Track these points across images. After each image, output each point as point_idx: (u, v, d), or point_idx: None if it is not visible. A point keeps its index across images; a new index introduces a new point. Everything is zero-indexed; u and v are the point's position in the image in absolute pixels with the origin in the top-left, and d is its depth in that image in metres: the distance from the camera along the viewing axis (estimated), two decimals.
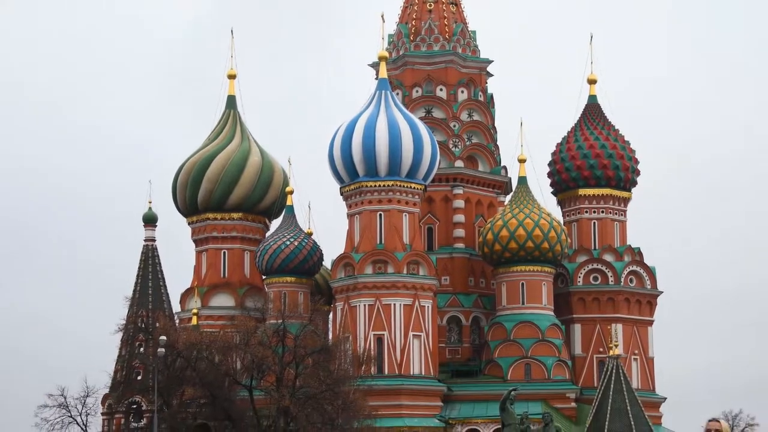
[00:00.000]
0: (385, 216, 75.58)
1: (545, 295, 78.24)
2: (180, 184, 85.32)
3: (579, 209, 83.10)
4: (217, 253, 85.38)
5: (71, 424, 59.49)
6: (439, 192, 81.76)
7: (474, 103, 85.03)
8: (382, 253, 74.66)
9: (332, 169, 76.62)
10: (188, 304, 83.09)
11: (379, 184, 74.91)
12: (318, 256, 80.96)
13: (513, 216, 77.86)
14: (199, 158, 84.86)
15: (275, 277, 79.63)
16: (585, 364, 79.50)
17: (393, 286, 74.08)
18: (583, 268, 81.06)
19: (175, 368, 61.38)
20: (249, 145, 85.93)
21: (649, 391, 79.39)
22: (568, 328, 79.48)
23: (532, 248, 76.85)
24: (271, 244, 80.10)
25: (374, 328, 73.42)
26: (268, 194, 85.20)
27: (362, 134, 74.30)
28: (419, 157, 74.63)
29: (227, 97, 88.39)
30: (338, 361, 65.20)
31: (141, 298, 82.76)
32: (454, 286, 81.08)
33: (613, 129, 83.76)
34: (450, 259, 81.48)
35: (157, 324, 70.99)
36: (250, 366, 61.39)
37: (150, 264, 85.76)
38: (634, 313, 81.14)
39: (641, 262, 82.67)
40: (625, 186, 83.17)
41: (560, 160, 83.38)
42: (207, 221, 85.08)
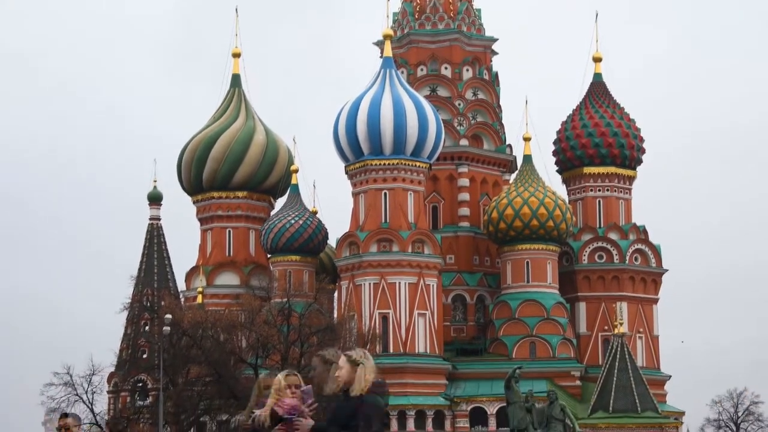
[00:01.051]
0: (389, 194, 75.53)
1: (550, 273, 78.23)
2: (185, 163, 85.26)
3: (584, 188, 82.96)
4: (222, 231, 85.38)
5: (77, 402, 59.64)
6: (443, 170, 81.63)
7: (479, 82, 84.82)
8: (387, 232, 74.66)
9: (337, 147, 76.54)
10: (193, 283, 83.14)
11: (384, 163, 74.83)
12: (323, 234, 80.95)
13: (518, 194, 77.77)
14: (203, 137, 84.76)
15: (280, 255, 79.63)
16: (590, 342, 79.55)
17: (398, 264, 74.12)
18: (588, 247, 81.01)
19: (181, 347, 61.48)
20: (254, 124, 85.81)
21: (653, 369, 79.43)
22: (573, 306, 79.49)
23: (537, 227, 76.80)
24: (275, 223, 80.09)
25: (379, 306, 73.50)
26: (273, 173, 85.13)
27: (367, 113, 74.18)
28: (424, 136, 74.52)
29: (232, 76, 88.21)
30: (343, 339, 65.27)
31: (146, 277, 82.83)
32: (458, 265, 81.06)
33: (618, 107, 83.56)
34: (455, 237, 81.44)
35: (162, 303, 71.06)
36: (255, 345, 61.49)
37: (155, 243, 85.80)
38: (639, 291, 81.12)
39: (646, 240, 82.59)
40: (630, 164, 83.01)
41: (565, 138, 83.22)
42: (212, 200, 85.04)
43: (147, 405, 65.23)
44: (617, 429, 69.86)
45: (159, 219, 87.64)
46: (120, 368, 72.85)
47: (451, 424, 73.03)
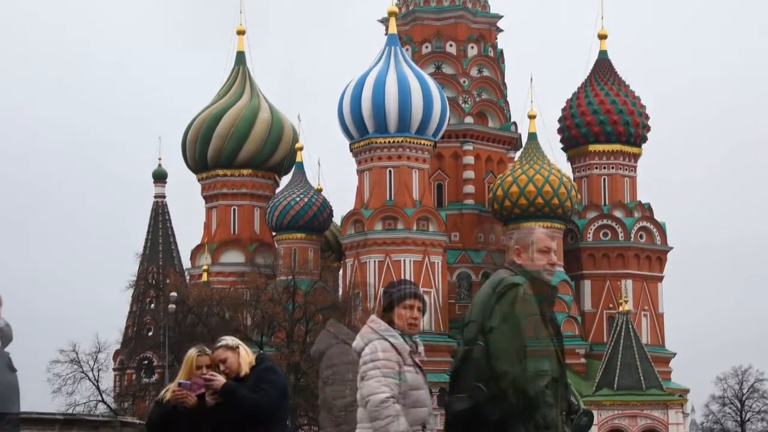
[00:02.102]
0: (394, 172, 75.53)
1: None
2: (189, 141, 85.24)
3: (589, 165, 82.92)
4: (227, 209, 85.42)
5: (83, 379, 59.82)
6: (448, 148, 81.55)
7: (484, 59, 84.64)
8: (392, 210, 74.69)
9: (342, 125, 76.50)
10: (198, 261, 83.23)
11: (389, 141, 74.79)
12: (328, 212, 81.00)
13: (523, 172, 77.72)
14: (208, 115, 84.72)
15: (285, 233, 79.69)
16: (595, 319, 79.66)
17: (403, 242, 74.17)
18: (593, 224, 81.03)
19: (186, 324, 61.60)
20: (258, 102, 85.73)
21: (658, 346, 79.55)
22: (578, 284, 79.56)
23: (541, 204, 76.78)
24: (280, 201, 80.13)
25: (384, 284, 73.55)
26: (278, 151, 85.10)
27: (372, 90, 74.10)
28: (429, 114, 74.44)
29: (236, 53, 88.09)
30: (348, 317, 65.36)
31: (151, 254, 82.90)
32: (463, 243, 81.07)
33: (623, 84, 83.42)
34: (460, 215, 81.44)
35: (167, 280, 71.21)
36: (261, 322, 61.60)
37: (160, 221, 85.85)
38: (644, 268, 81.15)
39: (651, 218, 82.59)
40: (635, 142, 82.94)
41: (570, 116, 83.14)
42: (217, 178, 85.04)
43: (153, 382, 65.36)
44: (622, 406, 70.02)
45: (164, 197, 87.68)
46: (125, 346, 73.03)
47: None
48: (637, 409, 70.07)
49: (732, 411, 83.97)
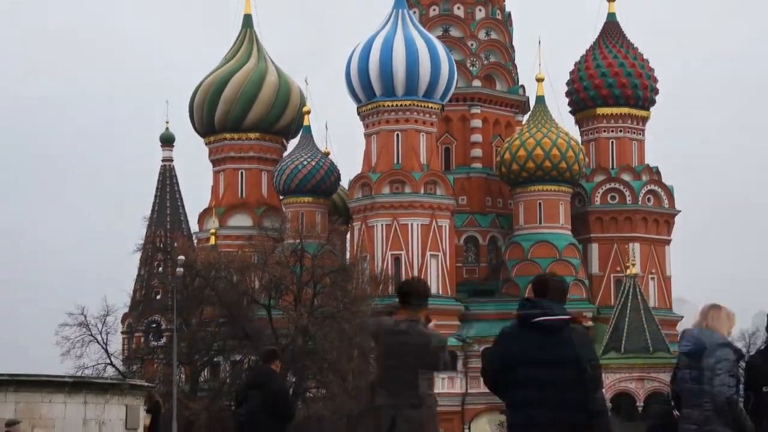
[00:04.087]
0: (402, 136, 75.42)
1: (562, 214, 78.23)
2: (197, 105, 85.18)
3: (597, 128, 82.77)
4: (234, 173, 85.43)
5: (92, 342, 59.91)
6: (456, 111, 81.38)
7: (492, 22, 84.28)
8: (400, 173, 74.65)
9: (349, 88, 76.34)
10: (206, 225, 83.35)
11: (396, 104, 74.64)
12: (335, 176, 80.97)
13: (531, 135, 77.56)
14: (215, 78, 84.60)
15: (292, 197, 79.70)
16: (602, 283, 79.74)
17: (410, 205, 74.18)
18: (600, 188, 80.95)
19: (194, 288, 61.68)
20: (265, 65, 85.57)
21: (665, 309, 79.66)
22: (586, 247, 79.58)
23: (549, 168, 76.66)
24: (288, 164, 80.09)
25: (391, 247, 73.63)
26: (285, 114, 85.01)
27: (379, 53, 73.88)
28: (436, 77, 74.24)
29: (243, 16, 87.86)
30: (356, 280, 65.44)
31: (159, 218, 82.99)
32: (471, 206, 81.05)
33: (632, 47, 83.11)
34: (467, 179, 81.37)
35: (175, 244, 71.28)
36: (269, 285, 61.66)
37: (168, 184, 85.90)
38: (651, 232, 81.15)
39: (659, 181, 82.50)
40: (643, 105, 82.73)
41: (578, 79, 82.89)
42: (224, 141, 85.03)
43: (161, 345, 65.54)
44: (629, 369, 70.17)
45: (171, 160, 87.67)
46: (134, 309, 73.23)
47: (463, 365, 73.39)
48: (644, 372, 70.22)
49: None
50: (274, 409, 13.22)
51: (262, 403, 13.29)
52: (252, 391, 13.52)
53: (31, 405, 18.43)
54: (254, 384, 13.65)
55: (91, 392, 19.56)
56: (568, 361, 8.71)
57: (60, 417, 18.80)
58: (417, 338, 9.17)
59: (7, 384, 18.27)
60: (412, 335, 9.13)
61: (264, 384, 13.42)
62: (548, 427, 8.53)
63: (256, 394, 13.40)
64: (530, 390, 8.57)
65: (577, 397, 8.61)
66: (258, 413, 13.28)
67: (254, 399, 13.38)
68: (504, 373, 8.71)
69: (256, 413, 13.30)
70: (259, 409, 13.30)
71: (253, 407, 13.36)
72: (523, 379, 8.59)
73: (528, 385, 8.58)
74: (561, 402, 8.54)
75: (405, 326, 9.20)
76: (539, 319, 8.82)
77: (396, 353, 9.08)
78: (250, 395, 13.47)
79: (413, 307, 9.45)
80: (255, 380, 13.71)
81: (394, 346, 9.11)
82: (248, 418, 13.37)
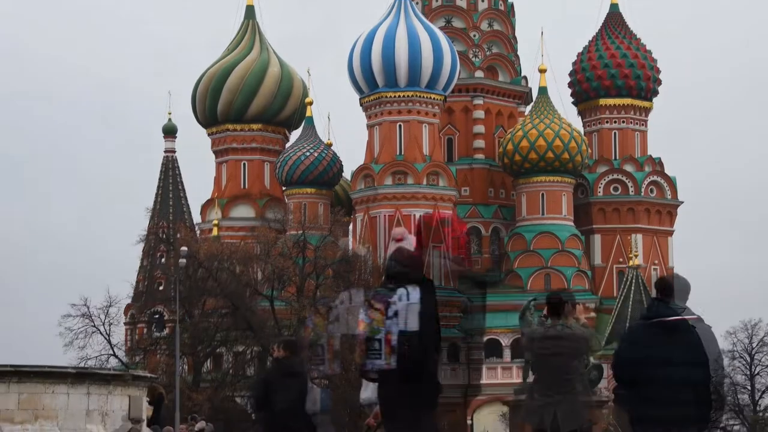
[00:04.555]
0: (404, 127, 75.41)
1: (565, 205, 78.23)
2: (199, 96, 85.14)
3: (600, 119, 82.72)
4: (237, 164, 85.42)
5: (94, 333, 60.01)
6: (458, 102, 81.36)
7: (494, 13, 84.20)
8: (402, 164, 74.65)
9: (351, 79, 76.32)
10: (209, 216, 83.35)
11: (399, 95, 74.62)
12: (338, 167, 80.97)
13: (533, 126, 77.54)
14: (218, 69, 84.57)
15: (295, 188, 79.71)
16: (605, 274, 79.74)
17: (413, 197, 74.19)
18: (603, 179, 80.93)
19: (197, 279, 61.73)
20: (268, 56, 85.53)
21: None
22: (588, 238, 79.57)
23: (552, 159, 76.65)
24: (290, 155, 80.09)
25: None
26: (288, 105, 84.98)
27: (382, 44, 73.86)
28: (439, 68, 74.21)
29: (246, 7, 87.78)
30: (358, 272, 65.48)
31: (162, 209, 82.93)
32: (473, 197, 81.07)
33: (634, 38, 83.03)
34: (470, 170, 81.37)
35: (178, 235, 71.29)
36: (271, 277, 61.73)
37: (170, 175, 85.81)
38: (654, 223, 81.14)
39: (662, 172, 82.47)
40: (646, 96, 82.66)
41: (581, 69, 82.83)
42: (227, 132, 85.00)
43: (164, 336, 65.58)
44: None
45: (174, 151, 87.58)
46: (137, 300, 73.26)
47: (465, 356, 73.45)
48: None
49: (741, 365, 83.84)
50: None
51: (301, 392, 13.08)
52: (289, 379, 13.22)
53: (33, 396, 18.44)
54: (289, 373, 13.31)
55: (94, 383, 19.58)
56: (696, 361, 9.24)
57: (63, 408, 18.82)
58: (570, 340, 10.36)
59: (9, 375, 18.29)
60: (564, 338, 10.31)
61: (300, 374, 13.14)
62: (676, 423, 9.10)
63: (293, 383, 13.14)
64: (659, 387, 9.10)
65: (704, 394, 9.22)
66: (297, 402, 13.06)
67: (292, 387, 13.12)
68: (634, 371, 9.24)
69: (295, 402, 13.06)
70: (297, 397, 13.09)
71: (292, 397, 13.10)
72: (653, 377, 9.12)
73: (658, 383, 9.12)
74: (688, 400, 9.09)
75: (556, 331, 10.37)
76: (670, 319, 9.31)
77: (550, 355, 10.31)
78: (287, 384, 13.17)
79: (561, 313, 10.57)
80: (290, 369, 13.38)
81: (548, 350, 10.19)
82: (288, 407, 13.10)
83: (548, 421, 10.10)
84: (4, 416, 17.94)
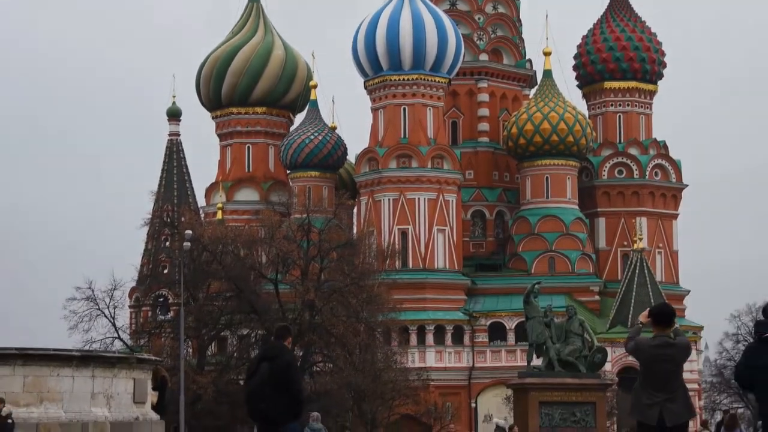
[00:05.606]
0: (409, 110, 75.31)
1: (570, 188, 78.16)
2: (204, 79, 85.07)
3: (604, 102, 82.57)
4: (241, 147, 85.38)
5: (99, 316, 59.96)
6: (463, 86, 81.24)
7: None
8: (406, 147, 74.59)
9: (356, 62, 76.21)
10: (213, 199, 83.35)
11: (403, 78, 74.51)
12: (342, 150, 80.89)
13: (538, 109, 77.42)
14: (222, 52, 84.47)
15: (300, 171, 79.67)
16: (609, 257, 79.69)
17: (417, 180, 74.15)
18: (607, 162, 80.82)
19: (201, 262, 61.68)
20: (272, 39, 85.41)
21: (672, 283, 79.61)
22: (593, 221, 79.51)
23: (556, 142, 76.56)
24: (295, 139, 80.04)
25: (398, 222, 73.68)
26: (292, 88, 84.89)
27: (386, 27, 73.73)
28: (443, 51, 74.08)
29: None
30: (363, 255, 65.49)
31: (166, 192, 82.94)
32: (478, 181, 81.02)
33: (639, 21, 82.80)
34: (474, 153, 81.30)
35: (182, 218, 71.22)
36: (275, 260, 61.70)
37: (175, 159, 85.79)
38: (658, 206, 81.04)
39: (666, 155, 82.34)
40: (651, 79, 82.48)
41: (586, 52, 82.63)
42: (231, 116, 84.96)
43: (168, 319, 65.57)
44: None
45: (178, 135, 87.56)
46: (141, 283, 73.28)
47: (470, 339, 73.50)
48: None
49: None
50: (281, 382, 13.32)
51: (269, 377, 13.38)
52: (262, 364, 13.63)
53: (39, 379, 18.47)
54: (264, 357, 13.76)
55: (99, 366, 19.60)
56: None
57: (68, 391, 18.85)
58: (677, 350, 12.09)
59: (15, 358, 18.32)
60: (672, 347, 12.08)
61: (274, 358, 13.52)
62: None
63: (265, 367, 13.50)
64: None
65: None
66: (265, 386, 13.38)
67: (263, 372, 13.48)
68: (752, 378, 12.02)
69: (262, 386, 13.40)
70: (266, 381, 13.40)
71: (260, 380, 13.45)
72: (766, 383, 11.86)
73: None
74: None
75: (664, 341, 12.08)
76: None
77: (656, 362, 12.03)
78: (260, 368, 13.58)
79: (664, 325, 12.21)
80: (265, 354, 13.82)
81: (654, 357, 12.05)
82: (254, 390, 13.47)
83: (655, 417, 12.08)
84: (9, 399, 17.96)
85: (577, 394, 44.12)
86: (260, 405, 13.44)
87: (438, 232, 73.94)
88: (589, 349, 45.26)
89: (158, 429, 20.94)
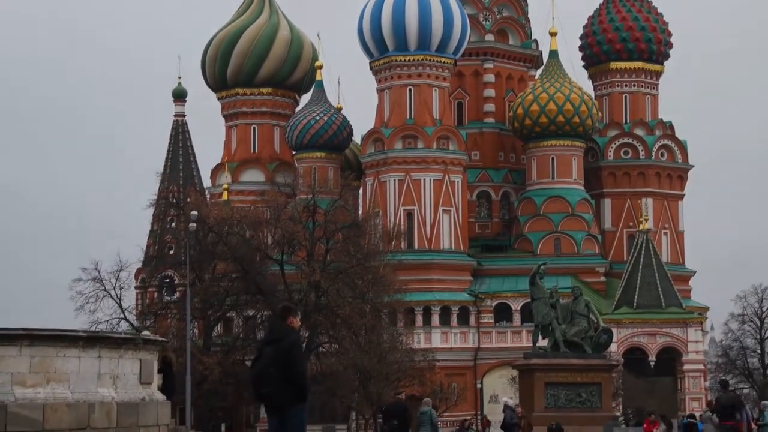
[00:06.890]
0: (414, 91, 75.22)
1: (575, 169, 78.06)
2: (209, 60, 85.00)
3: (610, 83, 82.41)
4: (246, 128, 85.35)
5: (105, 297, 60.07)
6: (469, 66, 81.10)
7: None
8: (412, 128, 74.52)
9: (362, 43, 76.08)
10: (219, 180, 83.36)
11: (409, 59, 74.39)
12: (348, 131, 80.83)
13: (544, 90, 77.28)
14: (227, 33, 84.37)
15: (305, 152, 79.62)
16: (615, 238, 79.66)
17: (423, 161, 74.10)
18: (613, 143, 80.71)
19: (207, 243, 61.74)
20: (278, 19, 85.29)
21: (678, 264, 79.59)
22: (598, 202, 79.45)
23: (562, 122, 76.44)
24: (300, 119, 79.97)
25: (404, 203, 73.66)
26: (298, 69, 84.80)
27: (392, 8, 73.57)
28: (449, 31, 73.91)
29: None
30: (368, 236, 65.48)
31: (172, 173, 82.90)
32: (484, 161, 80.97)
33: (646, 1, 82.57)
34: (480, 134, 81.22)
35: (188, 199, 71.24)
36: (281, 241, 61.71)
37: (180, 139, 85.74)
38: (664, 187, 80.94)
39: (672, 135, 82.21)
40: (657, 59, 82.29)
41: (592, 33, 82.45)
42: (237, 96, 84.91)
43: (174, 300, 65.70)
44: (641, 324, 70.32)
45: (184, 115, 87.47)
46: (147, 264, 73.37)
47: (475, 320, 73.56)
48: (657, 327, 70.37)
49: (751, 329, 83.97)
50: (284, 366, 13.25)
51: (273, 360, 13.31)
52: (266, 347, 13.55)
53: (45, 359, 18.49)
54: (268, 340, 13.69)
55: (105, 347, 19.60)
56: None
57: (74, 371, 18.87)
58: None
59: (21, 338, 18.34)
60: None
61: (278, 340, 13.44)
62: None
63: (269, 351, 13.43)
64: None
65: None
66: (269, 370, 13.31)
67: (266, 356, 13.42)
68: None
69: (267, 369, 13.34)
70: (270, 365, 13.33)
71: (264, 364, 13.39)
72: None
73: None
74: None
75: None
76: None
77: None
78: (264, 352, 13.51)
79: None
80: (270, 337, 13.74)
81: None
82: (258, 374, 13.41)
83: None
84: (16, 379, 18.00)
85: (583, 374, 44.24)
86: (264, 389, 13.40)
87: (444, 213, 73.93)
88: (594, 329, 45.36)
89: (164, 409, 20.97)
